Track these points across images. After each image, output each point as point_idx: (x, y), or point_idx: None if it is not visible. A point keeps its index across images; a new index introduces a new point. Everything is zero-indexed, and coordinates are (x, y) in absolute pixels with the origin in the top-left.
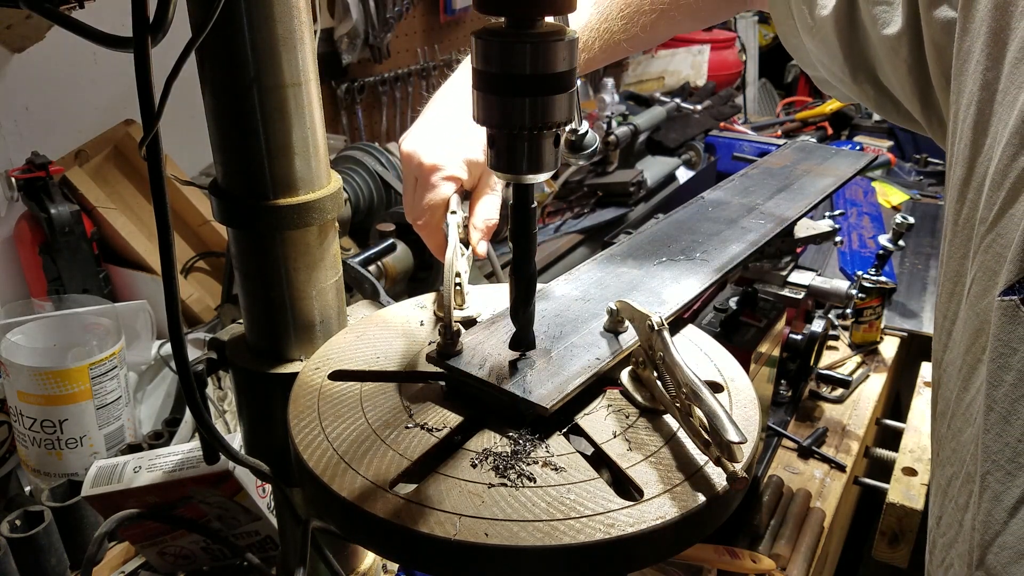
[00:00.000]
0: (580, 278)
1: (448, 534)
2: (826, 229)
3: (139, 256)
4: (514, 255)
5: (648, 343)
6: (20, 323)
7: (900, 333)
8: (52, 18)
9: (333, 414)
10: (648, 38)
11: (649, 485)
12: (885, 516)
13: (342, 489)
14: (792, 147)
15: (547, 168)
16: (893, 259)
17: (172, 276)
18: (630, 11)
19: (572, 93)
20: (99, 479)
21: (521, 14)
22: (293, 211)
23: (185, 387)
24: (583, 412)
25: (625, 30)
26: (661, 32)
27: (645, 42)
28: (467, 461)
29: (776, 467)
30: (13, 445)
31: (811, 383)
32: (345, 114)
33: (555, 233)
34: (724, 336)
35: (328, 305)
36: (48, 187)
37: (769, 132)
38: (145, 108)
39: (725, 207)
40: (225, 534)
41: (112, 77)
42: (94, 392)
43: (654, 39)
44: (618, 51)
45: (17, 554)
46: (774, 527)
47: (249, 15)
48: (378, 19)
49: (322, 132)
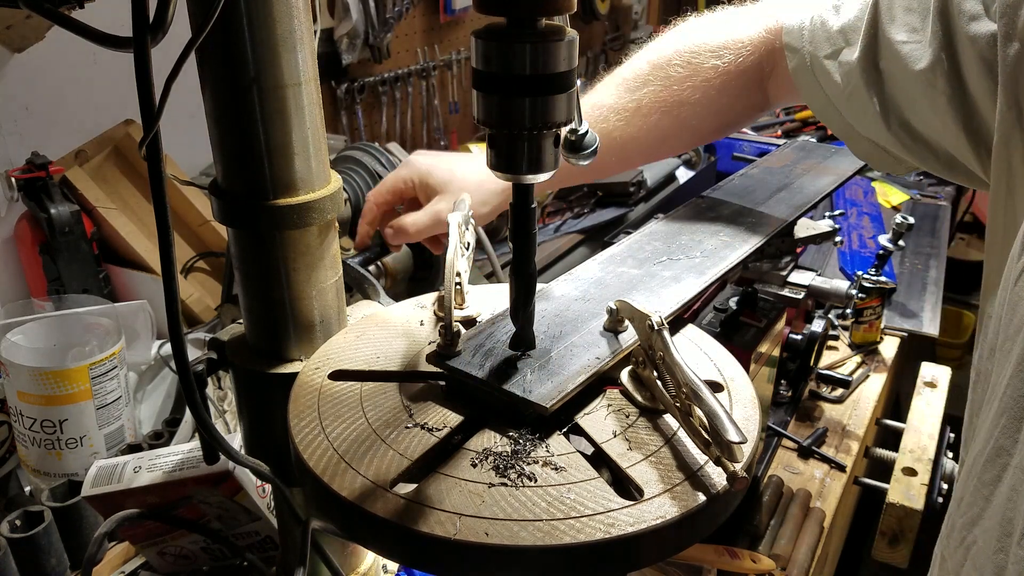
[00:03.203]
0: (580, 278)
1: (448, 534)
2: (826, 229)
3: (139, 256)
4: (514, 255)
5: (648, 343)
6: (20, 323)
7: (900, 333)
8: (52, 18)
9: (333, 414)
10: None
11: (649, 485)
12: (885, 516)
13: (342, 489)
14: (792, 146)
15: (547, 168)
16: (893, 259)
17: (172, 276)
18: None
19: (572, 93)
20: (99, 479)
21: (521, 14)
22: (293, 211)
23: (185, 387)
24: (583, 412)
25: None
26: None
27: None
28: (467, 461)
29: (776, 467)
30: (13, 445)
31: (811, 383)
32: (345, 114)
33: (555, 233)
34: (724, 336)
35: (328, 305)
36: (48, 187)
37: (769, 132)
38: (145, 108)
39: (725, 207)
40: (225, 534)
41: (112, 77)
42: (94, 392)
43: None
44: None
45: (17, 554)
46: (774, 527)
47: (249, 15)
48: (378, 19)
49: (322, 132)
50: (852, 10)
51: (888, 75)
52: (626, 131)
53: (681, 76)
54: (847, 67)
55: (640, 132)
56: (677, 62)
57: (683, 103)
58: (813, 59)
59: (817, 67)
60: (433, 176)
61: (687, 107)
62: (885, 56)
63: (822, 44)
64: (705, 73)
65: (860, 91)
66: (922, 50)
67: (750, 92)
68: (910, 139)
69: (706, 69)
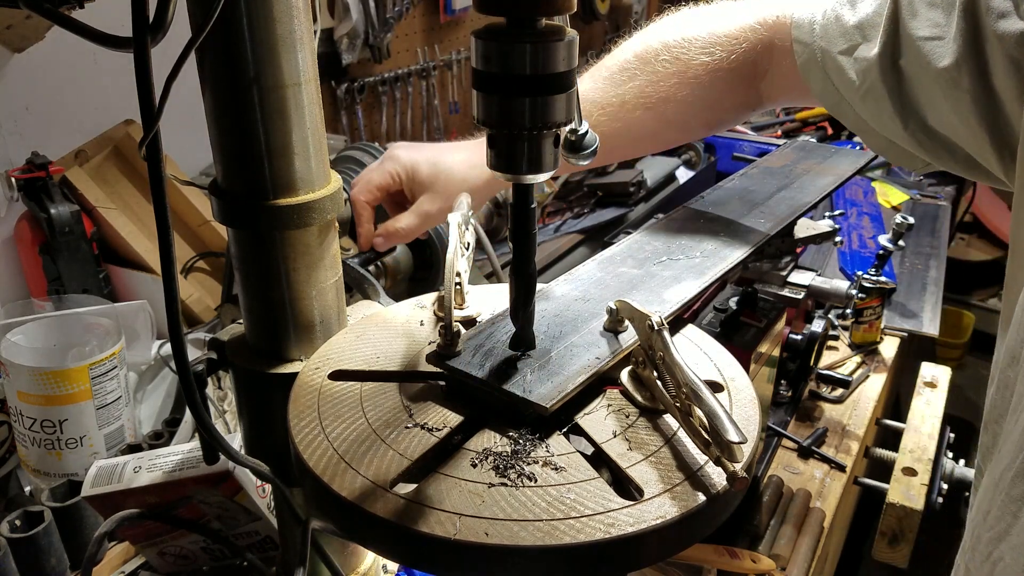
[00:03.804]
0: (580, 278)
1: (448, 534)
2: (826, 229)
3: (139, 256)
4: (514, 255)
5: (648, 343)
6: (20, 323)
7: (900, 333)
8: (52, 18)
9: (333, 414)
10: (638, 137)
11: (649, 485)
12: (885, 516)
13: (342, 489)
14: (792, 146)
15: (547, 168)
16: (893, 259)
17: (172, 276)
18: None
19: (572, 93)
20: (99, 479)
21: (521, 14)
22: (293, 211)
23: (185, 387)
24: (583, 412)
25: (610, 126)
26: (652, 134)
27: (632, 140)
28: (467, 461)
29: (776, 467)
30: (13, 445)
31: (811, 383)
32: (345, 114)
33: (555, 233)
34: (724, 336)
35: (328, 305)
36: (48, 187)
37: (769, 132)
38: (145, 108)
39: (725, 207)
40: (225, 534)
41: (112, 77)
42: (94, 392)
43: (645, 140)
44: (603, 142)
45: (17, 554)
46: (774, 527)
47: (249, 15)
48: (378, 19)
49: (322, 132)
50: (870, 5)
51: (908, 73)
52: (610, 126)
53: (668, 72)
54: (864, 64)
55: (624, 127)
56: (665, 56)
57: (669, 100)
58: (825, 55)
59: (829, 63)
60: (419, 173)
61: (672, 104)
62: (906, 53)
63: (836, 40)
64: (694, 69)
65: (877, 89)
66: (945, 47)
67: (741, 90)
68: (927, 138)
69: (695, 65)
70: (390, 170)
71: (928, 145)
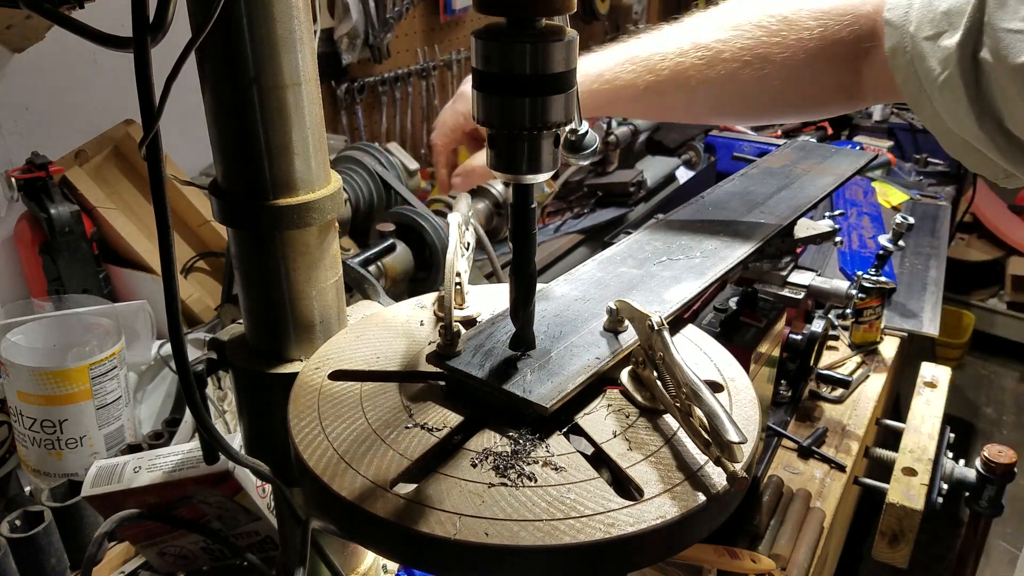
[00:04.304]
0: (580, 278)
1: (448, 534)
2: (826, 229)
3: (139, 256)
4: (514, 255)
5: (648, 343)
6: (20, 323)
7: (900, 333)
8: (52, 18)
9: (333, 414)
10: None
11: (649, 485)
12: (885, 516)
13: (342, 489)
14: (792, 147)
15: (547, 168)
16: (893, 259)
17: (172, 276)
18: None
19: (572, 93)
20: (99, 479)
21: (521, 14)
22: (293, 211)
23: (185, 387)
24: (583, 412)
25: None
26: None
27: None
28: (467, 461)
29: (776, 467)
30: (13, 445)
31: (811, 383)
32: (345, 114)
33: (555, 233)
34: (724, 336)
35: (328, 305)
36: (48, 187)
37: (769, 132)
38: (145, 108)
39: (725, 207)
40: (225, 534)
41: (112, 77)
42: (94, 392)
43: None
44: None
45: (17, 554)
46: (774, 527)
47: (249, 15)
48: (378, 19)
49: (322, 132)
50: None
51: (986, 66)
52: (703, 72)
53: (774, 29)
54: (945, 52)
55: (717, 78)
56: (772, 13)
57: (768, 59)
58: (913, 40)
59: (914, 49)
60: None
61: (772, 65)
62: (987, 44)
63: (924, 25)
64: (800, 33)
65: (954, 79)
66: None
67: (842, 68)
68: (1004, 140)
69: (802, 29)
70: (461, 110)
71: (1005, 148)
